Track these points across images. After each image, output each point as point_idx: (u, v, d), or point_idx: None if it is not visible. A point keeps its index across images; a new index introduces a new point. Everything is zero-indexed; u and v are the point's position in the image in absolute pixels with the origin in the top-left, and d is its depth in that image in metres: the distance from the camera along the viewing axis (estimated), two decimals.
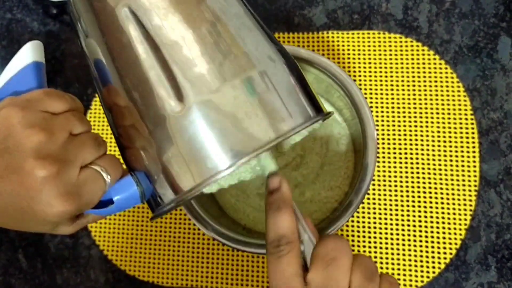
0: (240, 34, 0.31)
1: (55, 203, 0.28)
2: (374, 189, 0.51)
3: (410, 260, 0.49)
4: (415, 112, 0.53)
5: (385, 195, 0.51)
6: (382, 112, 0.53)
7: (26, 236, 0.57)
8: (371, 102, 0.53)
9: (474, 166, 0.51)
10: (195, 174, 0.29)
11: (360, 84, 0.54)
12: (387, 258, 0.50)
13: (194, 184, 0.29)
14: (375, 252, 0.50)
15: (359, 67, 0.54)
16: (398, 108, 0.53)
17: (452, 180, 0.51)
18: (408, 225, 0.50)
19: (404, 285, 0.49)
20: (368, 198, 0.51)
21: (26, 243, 0.57)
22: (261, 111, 0.29)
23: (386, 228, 0.50)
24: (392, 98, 0.53)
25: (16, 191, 0.27)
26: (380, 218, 0.51)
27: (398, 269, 0.49)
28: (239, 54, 0.30)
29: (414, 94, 0.53)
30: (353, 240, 0.51)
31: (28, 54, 0.35)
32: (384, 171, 0.52)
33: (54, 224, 0.30)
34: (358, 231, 0.51)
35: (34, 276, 0.56)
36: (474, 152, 0.51)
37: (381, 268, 0.50)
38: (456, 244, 0.49)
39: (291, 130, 0.29)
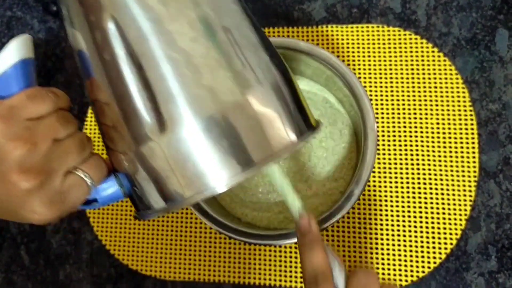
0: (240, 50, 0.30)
1: (39, 211, 0.29)
2: (374, 181, 0.52)
3: (411, 250, 0.50)
4: (414, 104, 0.53)
5: (385, 186, 0.51)
6: (382, 104, 0.53)
7: (28, 233, 0.57)
8: (370, 95, 0.54)
9: (474, 157, 0.51)
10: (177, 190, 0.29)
11: (359, 78, 0.54)
12: (388, 249, 0.50)
13: (182, 197, 0.29)
14: (376, 243, 0.50)
15: (359, 60, 0.55)
16: (398, 100, 0.53)
17: (451, 171, 0.51)
18: (409, 216, 0.51)
19: (406, 275, 0.49)
20: (369, 190, 0.51)
21: (28, 239, 0.57)
22: (255, 132, 0.28)
23: (387, 219, 0.51)
24: (392, 91, 0.54)
25: (5, 197, 0.28)
26: (380, 210, 0.51)
27: (399, 260, 0.50)
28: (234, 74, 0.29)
29: (413, 87, 0.53)
30: (354, 232, 0.51)
31: (14, 52, 0.34)
32: (385, 163, 0.52)
33: (41, 223, 0.31)
34: (359, 222, 0.51)
35: (37, 273, 0.57)
36: (473, 143, 0.51)
37: (383, 259, 0.50)
38: (456, 234, 0.50)
39: (284, 150, 0.29)
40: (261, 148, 0.28)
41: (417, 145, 0.52)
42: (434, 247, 0.50)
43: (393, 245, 0.50)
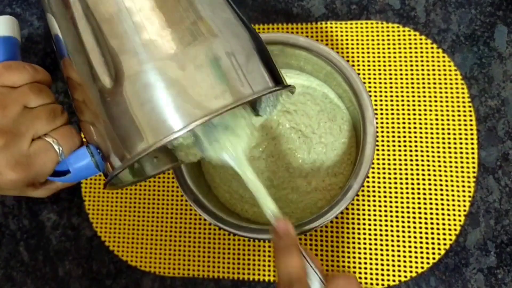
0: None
1: (4, 172, 0.30)
2: (373, 177, 0.52)
3: (410, 246, 0.50)
4: (413, 101, 0.53)
5: (384, 182, 0.52)
6: (381, 101, 0.53)
7: (27, 229, 0.57)
8: (369, 92, 0.54)
9: (473, 153, 0.51)
10: (137, 142, 0.29)
11: (358, 74, 0.54)
12: (387, 245, 0.50)
13: (141, 148, 0.29)
14: (375, 239, 0.50)
15: (358, 56, 0.55)
16: (397, 96, 0.53)
17: (450, 167, 0.51)
18: (408, 212, 0.51)
19: (405, 271, 0.49)
20: (368, 186, 0.52)
21: (27, 235, 0.57)
22: (217, 77, 0.28)
23: (386, 215, 0.51)
24: (391, 87, 0.54)
25: None
26: (380, 205, 0.51)
27: (398, 256, 0.50)
28: (196, 19, 0.30)
29: (413, 83, 0.53)
30: (353, 228, 0.51)
31: None
32: (384, 159, 0.52)
33: (13, 190, 0.32)
34: (358, 218, 0.51)
35: (36, 269, 0.57)
36: (472, 139, 0.51)
37: (382, 254, 0.50)
38: (455, 230, 0.50)
39: (248, 96, 0.29)
40: (220, 95, 0.28)
41: (416, 141, 0.52)
42: (433, 243, 0.50)
43: (392, 240, 0.50)
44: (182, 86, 0.28)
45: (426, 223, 0.50)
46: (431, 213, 0.50)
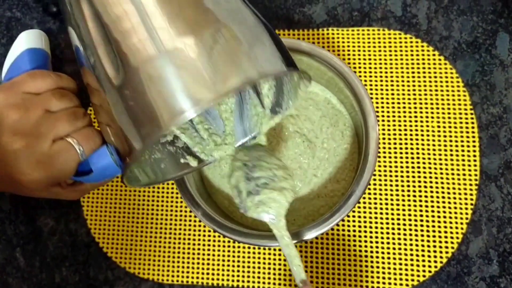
0: None
1: (27, 171, 0.32)
2: (375, 184, 0.51)
3: (411, 254, 0.49)
4: (415, 108, 0.53)
5: (386, 190, 0.51)
6: (383, 108, 0.53)
7: (24, 235, 0.57)
8: (371, 98, 0.53)
9: (475, 161, 0.51)
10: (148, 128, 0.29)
11: (360, 80, 0.54)
12: (388, 253, 0.50)
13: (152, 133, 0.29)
14: (377, 247, 0.50)
15: (359, 63, 0.55)
16: (399, 103, 0.53)
17: (452, 174, 0.51)
18: (409, 220, 0.50)
19: (406, 279, 0.49)
20: (370, 193, 0.51)
21: (24, 241, 0.57)
22: (229, 60, 0.29)
23: (387, 223, 0.50)
24: (393, 94, 0.53)
25: None
26: (381, 213, 0.51)
27: (400, 264, 0.49)
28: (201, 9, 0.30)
29: (414, 90, 0.53)
30: (354, 235, 0.50)
31: (22, 43, 0.41)
32: (385, 166, 0.52)
33: (39, 191, 0.34)
34: (360, 226, 0.51)
35: (32, 275, 0.56)
36: (474, 146, 0.51)
37: (383, 262, 0.49)
38: (457, 238, 0.49)
39: (257, 77, 0.29)
40: (234, 75, 0.28)
41: (417, 148, 0.52)
42: (435, 251, 0.49)
43: (394, 248, 0.50)
44: (193, 70, 0.28)
45: (428, 231, 0.50)
46: (433, 221, 0.50)
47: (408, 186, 0.51)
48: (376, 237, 0.50)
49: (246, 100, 0.41)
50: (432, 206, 0.50)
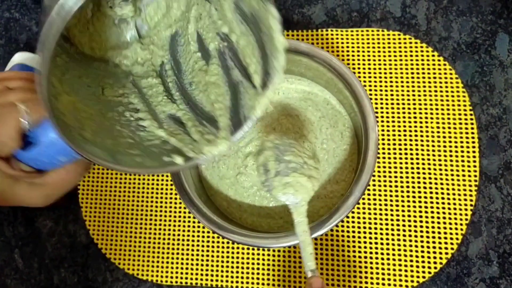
0: None
1: None
2: (374, 185, 0.51)
3: (411, 255, 0.49)
4: (414, 108, 0.53)
5: (385, 190, 0.51)
6: (382, 108, 0.53)
7: (22, 236, 0.57)
8: (370, 99, 0.53)
9: (474, 162, 0.51)
10: None
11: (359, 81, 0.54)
12: (388, 254, 0.49)
13: None
14: (376, 248, 0.50)
15: (359, 64, 0.55)
16: (398, 104, 0.53)
17: (452, 175, 0.50)
18: (409, 221, 0.50)
19: (406, 280, 0.49)
20: (369, 194, 0.51)
21: (22, 243, 0.56)
22: None
23: (387, 224, 0.50)
24: (392, 95, 0.53)
25: None
26: (380, 214, 0.51)
27: (400, 265, 0.49)
28: None
29: (414, 91, 0.53)
30: (353, 236, 0.50)
31: (15, 59, 0.47)
32: (385, 167, 0.51)
33: None
34: (359, 227, 0.50)
35: (31, 277, 0.56)
36: (474, 147, 0.51)
37: (383, 264, 0.49)
38: (457, 239, 0.49)
39: None
40: None
41: (417, 149, 0.52)
42: (434, 252, 0.49)
43: (393, 249, 0.50)
44: None
45: (427, 232, 0.49)
46: (433, 222, 0.50)
47: (408, 187, 0.51)
48: (376, 238, 0.50)
49: (240, 90, 0.39)
50: (432, 207, 0.50)
